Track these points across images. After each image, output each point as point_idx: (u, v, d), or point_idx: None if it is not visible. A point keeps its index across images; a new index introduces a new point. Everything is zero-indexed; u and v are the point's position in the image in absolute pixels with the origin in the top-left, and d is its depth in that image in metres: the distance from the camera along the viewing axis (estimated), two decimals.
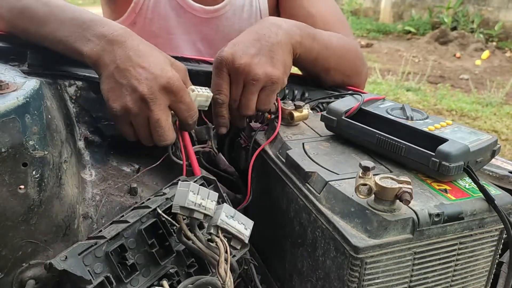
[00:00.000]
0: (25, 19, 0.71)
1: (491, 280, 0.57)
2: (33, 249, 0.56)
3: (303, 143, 0.64)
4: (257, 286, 0.67)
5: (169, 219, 0.54)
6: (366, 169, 0.48)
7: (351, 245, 0.48)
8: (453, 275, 0.53)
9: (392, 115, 0.62)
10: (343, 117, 0.63)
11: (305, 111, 0.71)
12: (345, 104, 0.65)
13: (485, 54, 6.28)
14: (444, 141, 0.55)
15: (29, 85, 0.56)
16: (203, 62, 0.83)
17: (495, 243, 0.55)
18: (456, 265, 0.53)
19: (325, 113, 0.66)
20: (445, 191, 0.53)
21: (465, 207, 0.51)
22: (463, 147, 0.54)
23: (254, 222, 0.53)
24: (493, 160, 0.63)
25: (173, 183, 0.61)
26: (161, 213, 0.54)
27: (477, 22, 7.18)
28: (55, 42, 0.68)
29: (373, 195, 0.49)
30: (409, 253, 0.49)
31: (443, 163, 0.53)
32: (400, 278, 0.50)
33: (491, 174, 0.68)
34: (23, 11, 0.71)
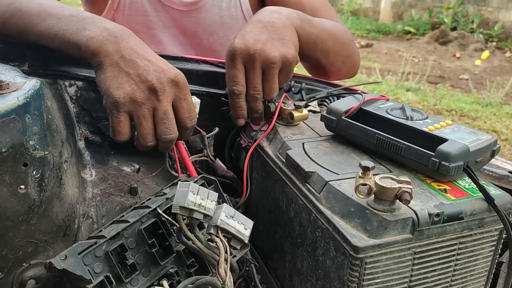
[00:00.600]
0: (19, 20, 0.70)
1: (491, 279, 0.57)
2: (34, 249, 0.56)
3: (303, 143, 0.64)
4: (257, 286, 0.67)
5: (169, 219, 0.54)
6: (366, 169, 0.48)
7: (351, 245, 0.48)
8: (453, 275, 0.53)
9: (392, 115, 0.62)
10: (343, 117, 0.64)
11: (305, 111, 0.71)
12: (345, 104, 0.66)
13: (485, 54, 6.28)
14: (443, 141, 0.55)
15: (30, 85, 0.56)
16: (203, 62, 0.83)
17: (494, 243, 0.55)
18: (456, 265, 0.53)
19: (325, 113, 0.66)
20: (445, 191, 0.54)
21: (464, 207, 0.51)
22: (462, 147, 0.54)
23: (254, 222, 0.53)
24: (493, 160, 0.63)
25: (173, 183, 0.62)
26: (161, 213, 0.54)
27: (477, 22, 7.18)
28: (50, 37, 0.66)
29: (373, 195, 0.49)
30: (409, 253, 0.49)
31: (443, 163, 0.53)
32: (400, 278, 0.50)
33: (490, 174, 0.69)
34: (17, 12, 0.70)
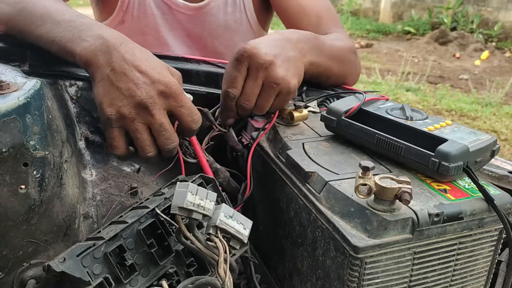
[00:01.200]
0: (23, 20, 0.71)
1: (491, 279, 0.57)
2: (34, 249, 0.56)
3: (303, 143, 0.64)
4: (255, 284, 0.67)
5: (168, 219, 0.53)
6: (366, 169, 0.48)
7: (351, 245, 0.48)
8: (453, 275, 0.53)
9: (391, 115, 0.62)
10: (343, 117, 0.64)
11: (305, 111, 0.72)
12: (345, 104, 0.66)
13: (485, 54, 6.28)
14: (443, 141, 0.55)
15: (30, 85, 0.56)
16: (203, 62, 0.83)
17: (494, 243, 0.55)
18: (455, 265, 0.53)
19: (325, 113, 0.66)
20: (445, 191, 0.54)
21: (464, 207, 0.51)
22: (462, 147, 0.54)
23: (254, 222, 0.53)
24: (493, 160, 0.63)
25: (172, 183, 0.61)
26: (159, 213, 0.53)
27: (477, 22, 7.18)
28: (49, 42, 0.67)
29: (373, 195, 0.49)
30: (409, 253, 0.49)
31: (443, 163, 0.53)
32: (399, 277, 0.50)
33: (490, 174, 0.69)
34: (21, 12, 0.71)
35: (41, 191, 0.55)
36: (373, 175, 0.49)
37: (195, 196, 0.48)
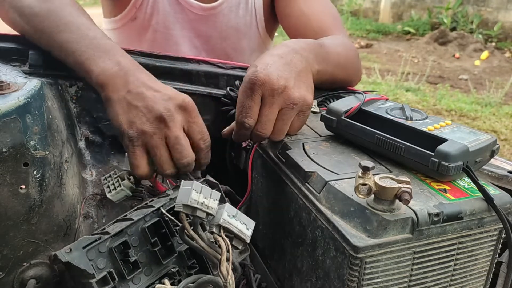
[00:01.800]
0: (46, 20, 0.70)
1: (490, 279, 0.57)
2: (34, 249, 0.56)
3: (303, 143, 0.64)
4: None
5: (172, 218, 0.54)
6: (365, 169, 0.48)
7: (350, 244, 0.48)
8: (452, 275, 0.53)
9: (391, 115, 0.62)
10: (343, 117, 0.64)
11: None
12: (345, 104, 0.66)
13: (484, 54, 6.28)
14: (443, 141, 0.55)
15: (30, 85, 0.57)
16: (203, 62, 0.83)
17: (494, 243, 0.55)
18: (455, 265, 0.53)
19: (325, 113, 0.66)
20: (445, 191, 0.54)
21: (464, 207, 0.51)
22: (462, 147, 0.54)
23: (254, 222, 0.53)
24: (492, 160, 0.63)
25: (177, 186, 0.62)
26: (164, 212, 0.54)
27: (476, 22, 7.19)
28: (67, 52, 0.67)
29: (373, 195, 0.49)
30: (409, 253, 0.49)
31: (443, 163, 0.53)
32: (399, 277, 0.50)
33: (490, 174, 0.69)
34: (47, 12, 0.71)
35: (41, 191, 0.55)
36: (373, 175, 0.49)
37: (199, 194, 0.49)
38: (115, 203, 0.67)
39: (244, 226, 0.51)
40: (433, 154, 0.54)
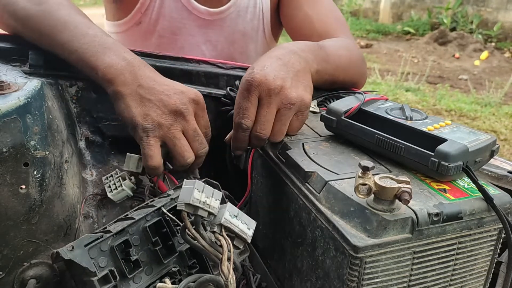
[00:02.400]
0: (43, 22, 0.70)
1: (490, 279, 0.58)
2: (34, 249, 0.56)
3: (303, 143, 0.64)
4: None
5: (174, 218, 0.54)
6: (365, 169, 0.48)
7: (350, 244, 0.48)
8: (452, 275, 0.53)
9: (391, 115, 0.62)
10: (343, 117, 0.64)
11: None
12: (344, 104, 0.66)
13: (484, 54, 6.29)
14: (443, 141, 0.55)
15: (31, 85, 0.57)
16: (203, 62, 0.83)
17: (494, 243, 0.55)
18: (455, 265, 0.53)
19: (324, 113, 0.66)
20: (444, 190, 0.54)
21: (464, 207, 0.51)
22: (462, 147, 0.54)
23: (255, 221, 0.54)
24: (492, 160, 0.63)
25: (178, 187, 0.62)
26: (165, 212, 0.54)
27: (476, 22, 7.19)
28: (70, 51, 0.67)
29: (373, 195, 0.49)
30: (408, 253, 0.49)
31: (442, 163, 0.53)
32: (399, 277, 0.50)
33: (490, 174, 0.69)
34: (44, 14, 0.70)
35: (41, 191, 0.55)
36: (373, 175, 0.49)
37: (201, 193, 0.49)
38: (115, 203, 0.67)
39: (245, 226, 0.51)
40: (433, 154, 0.54)
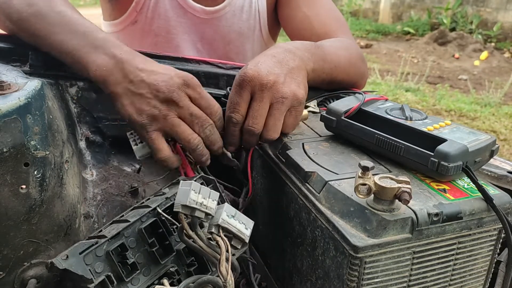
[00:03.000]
0: (36, 24, 0.70)
1: (490, 279, 0.58)
2: (35, 249, 0.56)
3: (303, 143, 0.64)
4: (253, 285, 0.67)
5: (169, 218, 0.54)
6: (365, 169, 0.49)
7: (350, 244, 0.48)
8: (452, 274, 0.53)
9: (391, 116, 0.62)
10: (343, 117, 0.64)
11: (305, 112, 0.72)
12: (344, 104, 0.66)
13: (484, 54, 6.29)
14: (443, 141, 0.55)
15: (31, 85, 0.57)
16: (203, 62, 0.83)
17: (493, 243, 0.55)
18: (454, 265, 0.53)
19: (324, 113, 0.66)
20: (444, 190, 0.54)
21: (463, 207, 0.51)
22: (461, 147, 0.54)
23: (254, 221, 0.54)
24: (492, 160, 0.63)
25: (173, 183, 0.62)
26: (161, 212, 0.54)
27: (476, 23, 7.19)
28: (63, 52, 0.67)
29: (372, 195, 0.49)
30: (408, 253, 0.50)
31: (442, 163, 0.53)
32: (399, 277, 0.50)
33: (489, 174, 0.69)
34: (36, 15, 0.70)
35: (41, 191, 0.55)
36: (373, 175, 0.49)
37: (198, 194, 0.49)
38: (115, 203, 0.67)
39: (243, 225, 0.51)
40: (432, 154, 0.54)
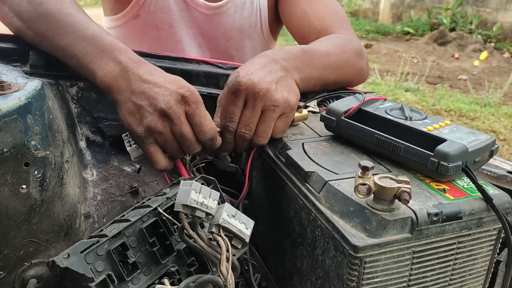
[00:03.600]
0: (45, 24, 0.70)
1: (489, 279, 0.58)
2: (35, 248, 0.56)
3: (303, 143, 0.65)
4: (253, 285, 0.67)
5: (170, 218, 0.54)
6: (365, 169, 0.49)
7: (350, 244, 0.48)
8: (452, 274, 0.54)
9: (391, 116, 0.62)
10: (343, 117, 0.64)
11: (305, 112, 0.72)
12: (344, 104, 0.66)
13: (483, 54, 6.29)
14: (442, 141, 0.55)
15: (31, 85, 0.57)
16: (203, 62, 0.84)
17: (493, 242, 0.55)
18: (454, 264, 0.53)
19: (324, 113, 0.66)
20: (444, 190, 0.54)
21: (463, 207, 0.51)
22: (461, 147, 0.54)
23: (254, 221, 0.54)
24: (492, 160, 0.64)
25: (174, 183, 0.62)
26: (161, 212, 0.54)
27: (476, 23, 7.19)
28: (69, 56, 0.68)
29: (372, 195, 0.49)
30: (408, 252, 0.50)
31: (442, 163, 0.53)
32: (399, 277, 0.50)
33: (489, 173, 0.69)
34: (45, 16, 0.70)
35: (42, 191, 0.55)
36: (373, 174, 0.49)
37: (198, 194, 0.49)
38: (115, 203, 0.67)
39: (243, 225, 0.51)
40: (432, 154, 0.54)
